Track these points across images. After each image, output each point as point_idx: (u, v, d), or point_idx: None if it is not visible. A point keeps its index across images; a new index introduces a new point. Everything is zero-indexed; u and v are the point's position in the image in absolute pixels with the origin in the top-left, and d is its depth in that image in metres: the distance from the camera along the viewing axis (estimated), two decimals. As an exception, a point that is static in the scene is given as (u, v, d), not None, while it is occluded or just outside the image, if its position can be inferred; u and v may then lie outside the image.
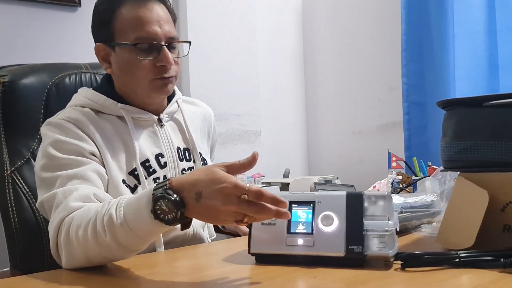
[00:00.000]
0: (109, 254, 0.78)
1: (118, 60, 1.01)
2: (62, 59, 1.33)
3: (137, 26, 0.98)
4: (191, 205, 0.71)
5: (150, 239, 0.78)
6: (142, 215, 0.73)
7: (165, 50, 0.99)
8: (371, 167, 2.30)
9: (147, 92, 1.02)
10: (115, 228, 0.75)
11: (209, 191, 0.69)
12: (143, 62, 0.98)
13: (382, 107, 2.36)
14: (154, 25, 0.98)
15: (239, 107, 2.37)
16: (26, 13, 1.87)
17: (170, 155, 1.06)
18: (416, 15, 2.07)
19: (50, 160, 0.92)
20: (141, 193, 0.76)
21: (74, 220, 0.81)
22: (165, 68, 1.00)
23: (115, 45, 1.00)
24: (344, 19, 2.51)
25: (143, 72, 0.99)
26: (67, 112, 0.99)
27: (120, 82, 1.04)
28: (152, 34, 0.98)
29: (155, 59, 0.99)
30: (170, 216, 0.71)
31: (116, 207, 0.77)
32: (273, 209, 0.69)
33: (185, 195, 0.71)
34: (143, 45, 0.98)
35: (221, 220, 0.73)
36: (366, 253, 0.73)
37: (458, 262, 0.71)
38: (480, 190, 0.79)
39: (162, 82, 1.01)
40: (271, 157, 2.47)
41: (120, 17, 0.99)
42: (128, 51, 0.99)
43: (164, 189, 0.71)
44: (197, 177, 0.72)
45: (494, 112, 0.79)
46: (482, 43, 1.91)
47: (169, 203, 0.70)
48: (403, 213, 0.99)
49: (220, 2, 2.32)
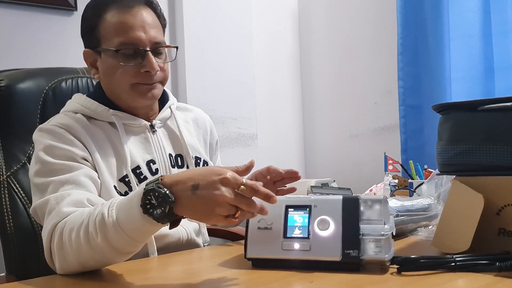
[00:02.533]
0: (101, 257, 0.78)
1: (103, 66, 1.01)
2: (58, 63, 1.33)
3: (120, 31, 0.97)
4: (185, 198, 0.71)
5: (140, 239, 0.77)
6: (132, 212, 0.73)
7: (149, 56, 0.98)
8: (368, 170, 2.31)
9: (131, 97, 1.01)
10: (106, 228, 0.75)
11: (207, 181, 0.70)
12: (126, 68, 0.98)
13: (378, 110, 2.37)
14: (138, 30, 0.98)
15: (236, 111, 2.37)
16: (22, 17, 1.87)
17: (162, 161, 1.06)
18: (412, 19, 2.08)
19: (42, 165, 0.92)
20: (134, 192, 0.77)
21: (67, 225, 0.81)
22: (149, 74, 0.99)
23: (100, 51, 1.00)
24: (340, 22, 2.52)
25: (126, 77, 0.99)
26: (59, 118, 0.99)
27: (106, 87, 1.04)
28: (136, 39, 0.97)
29: (139, 65, 0.98)
30: (159, 211, 0.71)
31: (109, 207, 0.77)
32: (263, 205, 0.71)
33: (178, 188, 0.71)
34: (126, 51, 0.97)
35: (215, 214, 0.71)
36: (362, 257, 0.73)
37: (454, 266, 0.72)
38: (476, 194, 0.79)
39: (146, 87, 1.00)
40: (267, 160, 2.47)
41: (104, 22, 0.99)
42: (112, 57, 0.98)
43: (155, 183, 0.72)
44: (193, 172, 0.73)
45: (489, 116, 0.79)
46: (478, 47, 1.92)
47: (159, 197, 0.70)
48: (400, 217, 0.99)
49: (216, 6, 2.32)
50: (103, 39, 0.99)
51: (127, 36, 0.97)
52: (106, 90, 1.04)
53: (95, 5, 1.02)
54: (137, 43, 0.98)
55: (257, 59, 2.50)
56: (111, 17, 0.99)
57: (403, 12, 2.09)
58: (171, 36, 2.25)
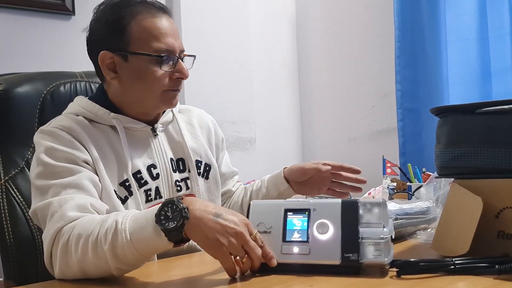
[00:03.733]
0: (104, 265, 0.78)
1: (132, 70, 0.99)
2: (56, 68, 1.33)
3: (156, 36, 0.98)
4: (204, 220, 0.73)
5: (143, 252, 0.76)
6: (145, 222, 0.76)
7: (181, 63, 1.01)
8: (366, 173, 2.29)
9: (156, 103, 1.02)
10: (116, 234, 0.76)
11: (230, 216, 0.75)
12: (161, 73, 0.99)
13: (376, 114, 2.37)
14: (172, 37, 1.00)
15: (234, 115, 2.37)
16: (20, 22, 1.87)
17: (163, 166, 1.05)
18: (409, 23, 2.09)
19: (44, 167, 0.91)
20: (154, 207, 0.78)
21: (75, 230, 0.81)
22: (180, 81, 1.02)
23: (129, 54, 0.98)
24: (337, 26, 2.53)
25: (159, 83, 0.99)
26: (60, 120, 0.98)
27: (126, 91, 1.01)
28: (171, 46, 0.99)
29: (171, 71, 1.00)
30: (171, 224, 0.73)
31: (125, 216, 0.78)
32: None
33: (197, 209, 0.75)
34: (162, 57, 0.98)
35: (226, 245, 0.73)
36: (361, 261, 0.73)
37: (453, 269, 0.72)
38: (474, 196, 0.79)
39: (173, 93, 1.02)
40: (266, 164, 2.47)
41: (136, 25, 0.98)
42: (147, 61, 0.98)
43: (176, 198, 0.75)
44: (216, 205, 0.78)
45: (487, 119, 0.80)
46: (475, 50, 1.93)
47: (175, 210, 0.73)
48: (399, 220, 0.99)
49: (214, 11, 2.33)
50: (134, 42, 0.98)
51: (163, 42, 0.98)
52: (122, 96, 1.02)
53: (121, 7, 0.99)
54: (172, 50, 0.99)
55: (255, 63, 2.51)
56: (142, 21, 0.98)
57: (400, 16, 2.10)
58: (169, 40, 2.26)
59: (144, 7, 1.00)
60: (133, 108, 1.03)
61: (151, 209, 0.78)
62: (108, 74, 1.01)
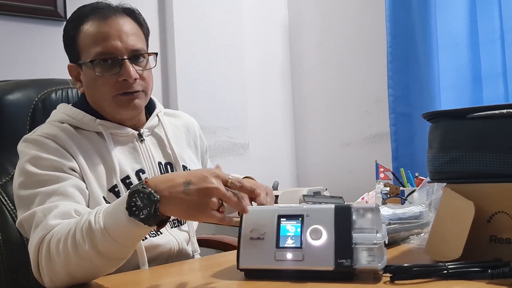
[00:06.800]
0: (90, 265, 0.77)
1: (85, 79, 1.00)
2: (48, 74, 1.32)
3: (96, 42, 0.96)
4: (175, 195, 0.72)
5: (128, 244, 0.76)
6: (119, 216, 0.74)
7: (126, 64, 0.96)
8: (359, 178, 2.31)
9: (113, 109, 1.00)
10: (94, 234, 0.75)
11: (199, 177, 0.74)
12: (104, 78, 0.97)
13: (369, 119, 2.38)
14: (114, 39, 0.96)
15: (227, 120, 2.37)
16: (12, 28, 1.86)
17: (152, 170, 1.05)
18: (401, 28, 2.11)
19: (28, 177, 0.90)
20: (120, 197, 0.78)
21: (54, 236, 0.80)
22: (128, 83, 0.97)
23: (81, 64, 0.99)
24: (329, 32, 2.54)
25: (106, 88, 0.97)
26: (45, 128, 0.97)
27: (91, 100, 1.03)
28: (111, 48, 0.96)
29: (117, 74, 0.97)
30: (145, 211, 0.72)
31: (96, 214, 0.77)
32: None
33: (165, 187, 0.73)
34: (103, 61, 0.96)
35: (208, 207, 0.73)
36: (355, 267, 0.73)
37: (446, 273, 0.72)
38: (467, 201, 0.79)
39: (127, 97, 0.98)
40: (259, 170, 2.47)
41: (81, 34, 0.98)
42: (91, 68, 0.97)
43: (140, 184, 0.74)
44: (180, 172, 0.79)
45: (478, 124, 0.80)
46: (466, 55, 1.94)
47: (144, 198, 0.72)
48: (392, 225, 0.99)
49: (207, 16, 2.33)
50: (82, 51, 0.98)
51: (102, 45, 0.96)
52: (91, 103, 1.03)
53: (74, 18, 1.01)
54: (113, 52, 0.96)
55: (249, 68, 2.51)
56: (88, 28, 0.98)
57: (392, 21, 2.11)
58: (161, 47, 2.26)
59: (93, 13, 0.98)
60: (107, 114, 1.02)
61: (119, 203, 0.76)
62: (76, 84, 1.04)
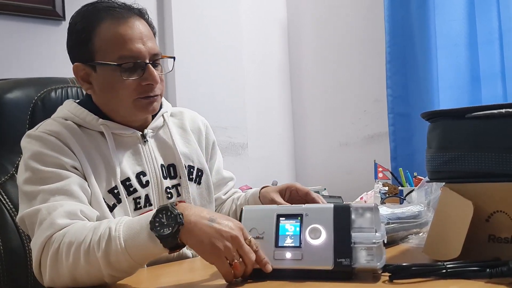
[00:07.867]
0: (97, 273, 0.77)
1: (100, 80, 0.97)
2: (48, 73, 1.32)
3: (119, 44, 0.94)
4: (198, 224, 0.73)
5: (138, 260, 0.76)
6: (140, 228, 0.75)
7: (150, 69, 0.96)
8: (358, 177, 2.32)
9: (131, 112, 0.99)
10: (110, 242, 0.75)
11: (224, 219, 0.76)
12: (127, 82, 0.95)
13: (368, 119, 2.39)
14: (137, 42, 0.95)
15: (226, 120, 2.37)
16: (10, 28, 1.86)
17: (154, 173, 1.03)
18: (400, 28, 2.11)
19: (32, 173, 0.90)
20: (149, 212, 0.78)
21: (66, 237, 0.80)
22: (151, 87, 0.97)
23: (96, 65, 0.96)
24: (329, 31, 2.54)
25: (128, 91, 0.96)
26: (48, 125, 0.97)
27: (102, 101, 1.00)
28: (136, 52, 0.95)
29: (140, 78, 0.96)
30: (167, 230, 0.73)
31: (118, 222, 0.78)
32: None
33: (192, 214, 0.75)
34: (127, 64, 0.94)
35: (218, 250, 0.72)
36: (354, 266, 0.73)
37: (445, 273, 0.72)
38: (465, 200, 0.80)
39: (147, 101, 0.98)
40: (258, 170, 2.47)
41: (99, 35, 0.95)
42: (111, 71, 0.95)
43: (170, 204, 0.75)
44: (210, 211, 0.80)
45: (476, 123, 0.80)
46: (464, 55, 1.95)
47: (170, 217, 0.73)
48: (390, 224, 0.99)
49: (206, 16, 2.33)
50: (98, 52, 0.96)
51: (127, 49, 0.94)
52: (100, 104, 1.01)
53: (86, 16, 0.98)
54: (138, 55, 0.95)
55: (247, 69, 2.51)
56: (106, 29, 0.95)
57: (391, 22, 2.12)
58: (160, 47, 2.25)
59: (109, 13, 0.96)
60: (115, 115, 1.01)
61: (145, 216, 0.77)
62: (83, 85, 1.00)
